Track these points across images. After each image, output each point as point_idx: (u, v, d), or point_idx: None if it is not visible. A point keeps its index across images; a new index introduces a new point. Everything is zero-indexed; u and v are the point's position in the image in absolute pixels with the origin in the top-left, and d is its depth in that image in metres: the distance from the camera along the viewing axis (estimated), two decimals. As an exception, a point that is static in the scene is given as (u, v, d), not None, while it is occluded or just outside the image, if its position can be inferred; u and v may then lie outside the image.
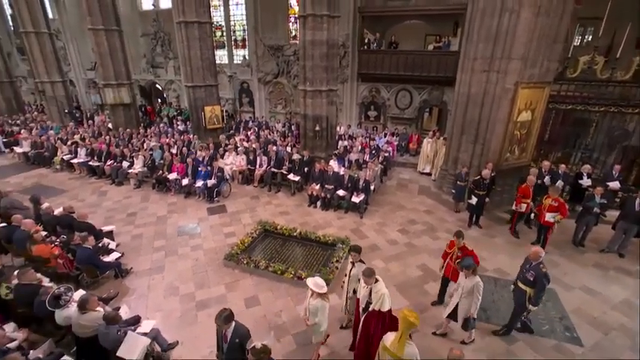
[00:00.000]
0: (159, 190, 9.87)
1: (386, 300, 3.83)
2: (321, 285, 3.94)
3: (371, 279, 3.85)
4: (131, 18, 18.83)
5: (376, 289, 3.89)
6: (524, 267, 4.64)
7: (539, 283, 4.38)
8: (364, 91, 14.65)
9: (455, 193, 8.41)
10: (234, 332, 3.51)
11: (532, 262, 4.50)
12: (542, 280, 4.36)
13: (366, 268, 4.01)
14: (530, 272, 4.47)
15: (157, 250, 6.96)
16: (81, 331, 4.06)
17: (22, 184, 10.59)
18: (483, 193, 7.52)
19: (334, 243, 6.81)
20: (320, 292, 3.91)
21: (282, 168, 9.91)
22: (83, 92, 21.43)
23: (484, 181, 7.51)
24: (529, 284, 4.49)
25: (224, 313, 3.43)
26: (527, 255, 4.62)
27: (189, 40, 11.39)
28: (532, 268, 4.47)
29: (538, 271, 4.39)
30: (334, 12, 9.19)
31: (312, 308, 3.97)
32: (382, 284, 3.94)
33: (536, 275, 4.40)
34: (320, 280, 4.03)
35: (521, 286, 4.58)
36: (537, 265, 4.43)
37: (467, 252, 4.88)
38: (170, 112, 18.08)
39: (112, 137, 12.88)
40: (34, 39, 14.74)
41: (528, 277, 4.49)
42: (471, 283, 4.25)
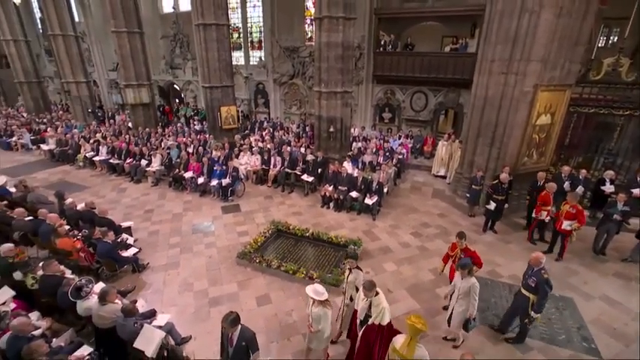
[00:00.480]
0: (175, 188, 10.12)
1: (386, 314, 3.73)
2: (321, 292, 3.85)
3: (371, 292, 3.75)
4: (152, 20, 19.36)
5: (376, 302, 3.78)
6: (526, 273, 4.56)
7: (541, 289, 4.29)
8: (379, 93, 14.60)
9: (469, 196, 8.28)
10: (241, 335, 3.49)
11: (533, 268, 4.42)
12: (544, 287, 4.27)
13: (366, 280, 3.89)
14: (532, 278, 4.39)
15: (173, 247, 7.14)
16: (100, 322, 4.22)
17: (47, 180, 11.03)
18: (502, 197, 7.35)
19: (346, 244, 6.81)
20: (321, 300, 3.82)
21: (296, 168, 9.98)
22: (105, 92, 22.14)
23: (502, 186, 7.34)
24: (532, 291, 4.41)
25: (230, 316, 3.41)
26: (529, 261, 4.54)
27: (207, 42, 11.65)
28: (534, 274, 4.39)
29: (540, 277, 4.30)
30: (350, 14, 9.21)
31: (314, 316, 3.90)
32: (382, 297, 3.83)
33: (537, 281, 4.31)
34: (320, 287, 3.94)
35: (524, 292, 4.50)
36: (539, 270, 4.34)
37: (469, 254, 4.81)
38: (187, 112, 18.47)
39: (131, 136, 13.25)
40: (61, 41, 15.37)
41: (530, 283, 4.41)
42: (467, 284, 4.18)
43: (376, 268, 6.39)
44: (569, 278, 6.11)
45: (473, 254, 4.80)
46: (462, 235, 4.89)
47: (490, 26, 7.90)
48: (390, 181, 9.76)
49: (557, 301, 5.54)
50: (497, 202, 7.34)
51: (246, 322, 4.99)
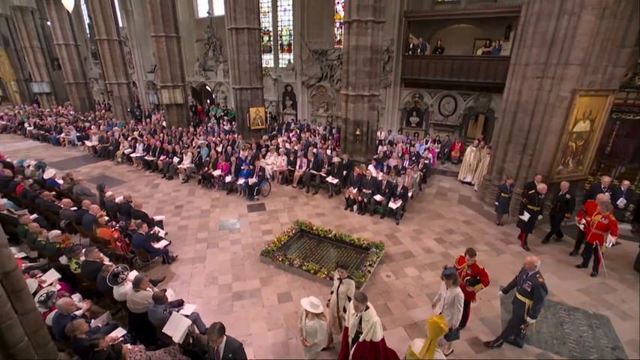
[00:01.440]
0: (204, 186, 10.53)
1: (377, 329, 3.58)
2: (317, 305, 3.75)
3: (362, 305, 3.59)
4: (188, 25, 20.30)
5: (367, 317, 3.61)
6: (520, 277, 4.48)
7: (536, 294, 4.20)
8: (407, 97, 14.44)
9: (498, 205, 8.00)
10: (227, 347, 3.42)
11: (528, 272, 4.34)
12: (539, 291, 4.18)
13: (358, 292, 3.74)
14: (527, 282, 4.29)
15: (200, 242, 7.45)
16: (133, 307, 4.52)
17: (90, 174, 11.85)
18: (537, 209, 6.96)
19: (368, 247, 6.82)
20: (316, 313, 3.71)
21: (322, 170, 10.09)
22: (143, 93, 23.40)
23: (539, 197, 6.94)
24: (527, 295, 4.32)
25: (216, 326, 3.36)
26: (524, 264, 4.45)
27: (239, 46, 12.07)
28: (529, 279, 4.30)
29: (535, 282, 4.21)
30: (379, 17, 9.21)
31: (309, 329, 3.78)
32: (373, 312, 3.67)
33: (533, 286, 4.22)
34: (315, 299, 3.82)
35: (520, 297, 4.40)
36: (534, 275, 4.27)
37: (477, 270, 4.63)
38: (217, 113, 19.14)
39: (165, 135, 13.95)
40: (106, 45, 16.47)
41: (526, 287, 4.32)
42: (452, 295, 4.08)
43: (397, 272, 6.35)
44: (606, 295, 5.77)
45: (481, 271, 4.65)
46: (472, 252, 4.71)
47: (525, 28, 7.65)
48: (415, 185, 9.63)
49: (590, 318, 5.27)
50: (532, 213, 6.95)
51: (266, 317, 5.24)
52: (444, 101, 13.62)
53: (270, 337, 4.85)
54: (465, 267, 4.72)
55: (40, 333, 3.28)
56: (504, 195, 7.83)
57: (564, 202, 6.96)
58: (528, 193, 7.10)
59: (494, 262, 6.66)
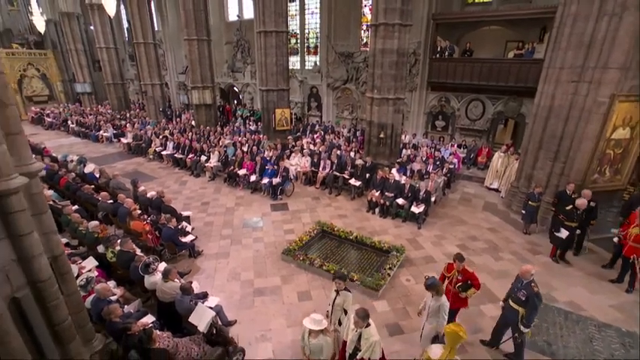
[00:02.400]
0: (229, 184, 10.87)
1: (376, 349, 3.45)
2: (319, 320, 3.60)
3: (363, 322, 3.44)
4: (218, 28, 20.97)
5: (367, 334, 3.46)
6: (515, 286, 4.42)
7: (530, 302, 4.16)
8: (433, 100, 14.20)
9: (525, 213, 7.73)
10: None
11: (523, 281, 4.28)
12: (534, 300, 4.13)
13: (360, 308, 3.55)
14: (522, 291, 4.24)
15: (224, 238, 7.72)
16: (162, 296, 4.79)
17: (124, 169, 12.55)
18: (575, 225, 6.55)
19: (389, 250, 6.82)
20: (321, 329, 3.58)
21: (345, 172, 10.15)
22: (174, 93, 24.40)
23: (577, 212, 6.50)
24: (521, 304, 4.26)
25: None
26: (518, 273, 4.38)
27: (267, 48, 12.36)
28: (523, 287, 4.24)
29: (529, 290, 4.16)
30: (406, 21, 9.17)
31: (314, 348, 3.63)
32: (374, 329, 3.52)
33: (527, 295, 4.17)
34: (317, 315, 3.67)
35: (514, 305, 4.35)
36: (528, 283, 4.21)
37: (468, 275, 4.58)
38: (244, 113, 19.64)
39: (194, 133, 14.50)
40: (142, 48, 17.37)
41: (520, 296, 4.26)
42: (437, 304, 4.03)
43: (418, 277, 6.30)
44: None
45: (471, 275, 4.58)
46: (461, 257, 4.65)
47: (561, 30, 7.36)
48: (439, 190, 9.48)
49: (623, 336, 5.01)
50: (570, 229, 6.51)
51: (286, 314, 5.38)
52: (471, 105, 13.29)
53: (290, 334, 4.98)
54: (455, 273, 4.66)
55: (80, 314, 3.57)
56: (532, 204, 7.56)
57: (588, 210, 6.61)
58: (566, 209, 6.63)
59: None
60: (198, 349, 4.05)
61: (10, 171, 2.57)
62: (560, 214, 6.74)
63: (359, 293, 5.80)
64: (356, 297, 5.71)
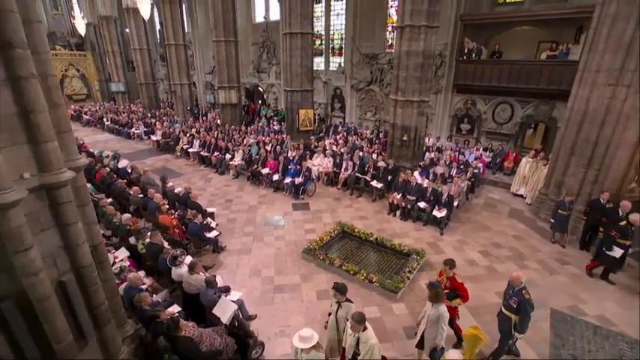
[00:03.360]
0: (252, 183, 11.13)
1: (375, 352, 3.42)
2: (307, 337, 3.40)
3: (360, 325, 3.41)
4: (245, 29, 21.46)
5: (364, 338, 3.45)
6: (506, 293, 4.43)
7: (522, 310, 4.16)
8: (458, 103, 13.90)
9: (554, 222, 7.43)
10: None
11: (514, 288, 4.27)
12: (525, 307, 4.14)
13: (356, 312, 3.53)
14: (514, 298, 4.24)
15: (247, 235, 7.94)
16: (188, 288, 5.02)
17: (153, 165, 13.12)
18: (629, 242, 6.02)
19: (409, 253, 6.78)
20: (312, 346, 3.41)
21: (366, 174, 10.16)
22: (202, 92, 25.19)
23: (631, 228, 5.98)
24: (513, 311, 4.27)
25: None
26: (509, 280, 4.38)
27: (292, 50, 12.55)
28: (515, 294, 4.24)
29: (521, 298, 4.16)
30: (433, 22, 9.05)
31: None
32: (371, 332, 3.49)
33: (519, 302, 4.17)
34: (305, 331, 3.45)
35: (506, 312, 4.36)
36: (520, 290, 4.21)
37: (455, 284, 4.51)
38: (268, 113, 20.00)
39: (219, 132, 14.93)
40: (173, 49, 18.08)
41: (512, 303, 4.26)
42: (437, 313, 3.91)
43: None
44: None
45: (459, 286, 4.50)
46: (451, 264, 4.56)
47: (598, 31, 7.04)
48: (462, 195, 9.30)
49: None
50: (625, 247, 5.99)
51: (305, 312, 5.48)
52: (498, 108, 12.91)
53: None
54: (444, 279, 4.60)
55: (115, 300, 3.83)
56: (562, 212, 7.24)
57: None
58: (619, 225, 6.11)
59: (546, 283, 6.26)
60: (221, 340, 4.23)
61: (61, 165, 2.82)
62: (613, 230, 6.17)
63: (377, 294, 5.83)
64: (374, 298, 5.77)
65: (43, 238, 2.83)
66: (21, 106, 2.52)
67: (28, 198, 2.52)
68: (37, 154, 2.68)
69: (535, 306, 4.42)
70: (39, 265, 2.63)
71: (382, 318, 5.29)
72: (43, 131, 2.64)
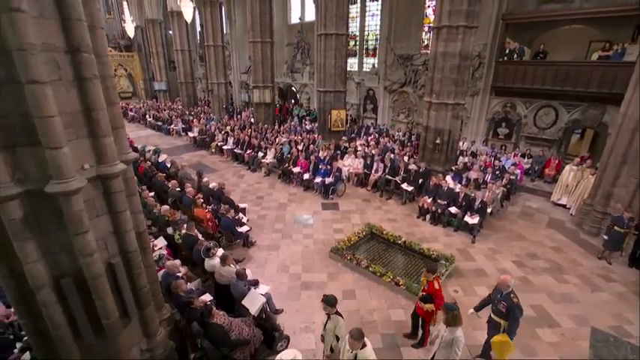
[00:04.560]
0: (283, 181, 11.37)
1: None
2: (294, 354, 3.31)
3: (358, 342, 3.29)
4: (280, 30, 21.90)
5: (362, 356, 3.30)
6: (494, 297, 4.30)
7: (511, 314, 4.04)
8: (496, 106, 13.32)
9: (608, 239, 6.81)
10: None
11: (502, 292, 4.16)
12: (514, 312, 4.02)
13: (354, 328, 3.37)
14: (502, 303, 4.12)
15: (276, 232, 8.14)
16: (219, 278, 5.28)
17: (189, 161, 13.77)
18: None
19: (438, 258, 6.65)
20: None
21: (397, 176, 10.05)
22: (237, 91, 26.03)
23: None
24: (502, 316, 4.15)
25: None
26: (497, 284, 4.26)
27: (326, 50, 12.68)
28: (503, 299, 4.12)
29: (510, 302, 4.05)
30: (472, 22, 8.76)
31: None
32: (370, 350, 3.35)
33: (508, 306, 4.05)
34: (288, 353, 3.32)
35: (495, 318, 4.24)
36: (508, 294, 4.10)
37: (432, 289, 4.39)
38: (300, 113, 20.29)
39: (252, 130, 15.37)
40: (212, 50, 18.87)
41: (500, 308, 4.15)
42: (450, 336, 3.64)
43: (467, 289, 6.07)
44: None
45: (436, 292, 4.39)
46: (432, 270, 4.50)
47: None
48: (497, 201, 8.93)
49: None
50: None
51: (330, 310, 5.51)
52: (541, 112, 12.23)
53: (332, 329, 5.14)
54: (424, 282, 4.54)
55: (155, 284, 4.11)
56: (619, 229, 6.62)
57: None
58: None
59: (586, 299, 5.89)
60: (249, 330, 4.41)
61: (115, 158, 3.10)
62: None
63: (403, 297, 5.78)
64: (399, 301, 5.74)
65: (97, 223, 3.12)
66: (85, 104, 2.81)
67: (87, 186, 2.80)
68: (95, 147, 2.96)
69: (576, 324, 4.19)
70: (93, 247, 2.92)
71: (407, 321, 5.25)
72: (102, 127, 2.92)
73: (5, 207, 2.50)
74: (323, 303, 3.85)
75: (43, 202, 2.68)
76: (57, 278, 2.91)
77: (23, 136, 2.51)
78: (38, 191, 2.60)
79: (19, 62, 2.25)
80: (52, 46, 2.50)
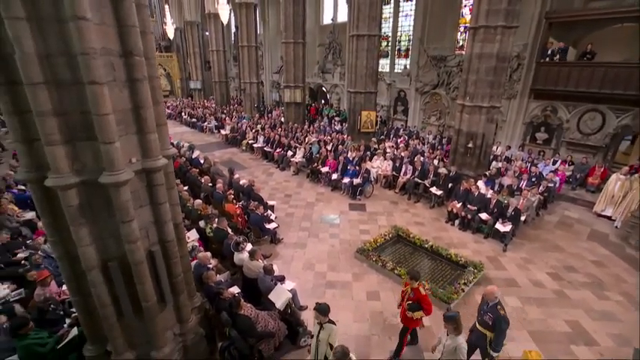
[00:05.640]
0: (311, 180, 11.50)
1: None
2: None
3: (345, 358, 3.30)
4: (313, 31, 22.10)
5: None
6: (481, 308, 4.22)
7: (497, 326, 3.95)
8: (535, 110, 12.66)
9: None
10: None
11: (489, 303, 4.06)
12: (500, 324, 3.93)
13: (339, 346, 3.39)
14: (488, 314, 4.03)
15: (303, 230, 8.27)
16: (247, 272, 5.48)
17: (221, 158, 14.27)
18: None
19: (466, 265, 6.48)
20: None
21: (426, 180, 9.88)
22: (268, 91, 26.58)
23: None
24: (488, 328, 4.05)
25: None
26: (483, 294, 4.16)
27: (358, 51, 12.66)
28: (489, 310, 4.03)
29: (496, 314, 3.96)
30: (512, 22, 8.42)
31: None
32: None
33: (494, 318, 3.96)
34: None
35: (480, 329, 4.14)
36: (494, 306, 4.01)
37: (419, 296, 4.29)
38: (330, 113, 20.38)
39: (282, 129, 15.65)
40: (245, 51, 19.39)
41: (486, 319, 4.05)
42: (453, 344, 3.59)
43: (497, 299, 5.87)
44: None
45: (423, 298, 4.28)
46: (415, 276, 4.35)
47: None
48: (531, 210, 8.52)
49: None
50: None
51: (353, 310, 5.60)
52: (586, 117, 11.48)
53: (355, 329, 5.19)
54: (409, 290, 4.36)
55: (188, 274, 4.35)
56: None
57: None
58: None
59: (630, 318, 5.50)
60: (274, 324, 4.56)
61: (158, 153, 3.33)
62: None
63: (429, 304, 5.70)
64: (425, 307, 5.65)
65: (141, 213, 3.36)
66: (134, 103, 3.05)
67: (133, 179, 3.04)
68: (142, 142, 3.20)
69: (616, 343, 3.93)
70: (137, 235, 3.16)
71: (432, 327, 5.18)
72: (149, 124, 3.16)
73: (65, 195, 2.78)
74: (315, 312, 3.84)
75: (96, 192, 2.95)
76: (105, 261, 3.18)
77: (82, 131, 2.77)
78: (92, 181, 2.87)
79: (83, 65, 2.50)
80: (109, 50, 2.74)
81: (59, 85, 2.61)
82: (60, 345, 4.13)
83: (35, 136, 2.70)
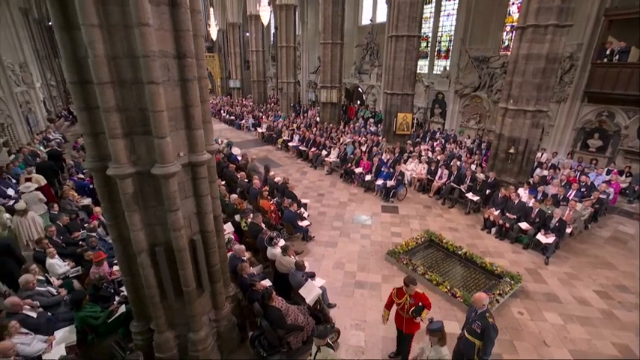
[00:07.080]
0: (345, 180, 11.54)
1: None
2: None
3: None
4: (351, 31, 22.10)
5: None
6: (469, 316, 4.08)
7: (486, 335, 3.80)
8: (589, 114, 11.75)
9: None
10: None
11: (477, 311, 3.92)
12: (489, 332, 3.78)
13: None
14: (477, 323, 3.88)
15: (334, 229, 8.35)
16: (279, 267, 5.65)
17: (257, 155, 14.60)
18: None
19: (501, 275, 6.21)
20: None
21: (462, 185, 9.57)
22: (304, 90, 26.96)
23: None
24: (476, 336, 3.89)
25: None
26: (471, 301, 4.02)
27: (396, 52, 12.48)
28: (478, 318, 3.88)
29: (485, 322, 3.81)
30: (565, 21, 7.88)
31: None
32: None
33: (483, 326, 3.81)
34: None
35: (469, 337, 3.98)
36: (483, 314, 3.86)
37: (420, 297, 4.21)
38: (365, 114, 20.28)
39: (318, 129, 15.81)
40: (284, 51, 19.83)
41: (475, 328, 3.89)
42: (437, 356, 3.44)
43: (534, 313, 5.57)
44: None
45: (422, 297, 4.24)
46: (412, 281, 4.20)
47: None
48: (579, 222, 7.95)
49: None
50: None
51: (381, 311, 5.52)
52: (648, 123, 10.49)
53: (382, 330, 5.16)
54: (407, 299, 4.18)
55: (224, 264, 4.60)
56: None
57: None
58: None
59: (690, 346, 4.98)
60: (303, 318, 4.67)
61: (203, 148, 3.57)
62: None
63: (459, 310, 5.56)
64: (455, 313, 5.56)
65: (185, 203, 3.62)
66: (184, 101, 3.30)
67: (180, 171, 3.29)
68: (189, 138, 3.45)
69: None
70: (181, 223, 3.41)
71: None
72: (196, 121, 3.39)
73: (123, 183, 3.07)
74: (315, 338, 3.71)
75: (148, 182, 3.24)
76: (152, 246, 3.47)
77: (139, 126, 3.05)
78: (145, 172, 3.15)
79: (143, 66, 2.76)
80: (165, 52, 3.00)
81: (122, 84, 2.90)
82: (111, 319, 4.56)
83: (100, 130, 3.02)
